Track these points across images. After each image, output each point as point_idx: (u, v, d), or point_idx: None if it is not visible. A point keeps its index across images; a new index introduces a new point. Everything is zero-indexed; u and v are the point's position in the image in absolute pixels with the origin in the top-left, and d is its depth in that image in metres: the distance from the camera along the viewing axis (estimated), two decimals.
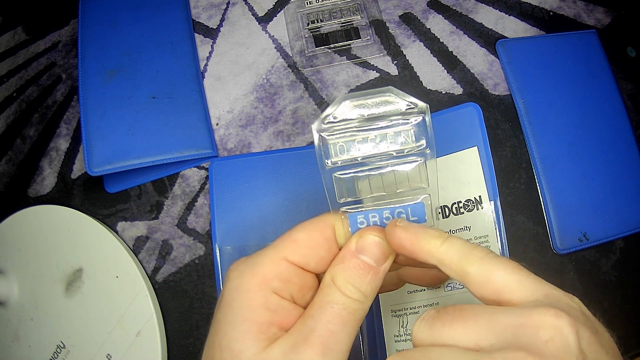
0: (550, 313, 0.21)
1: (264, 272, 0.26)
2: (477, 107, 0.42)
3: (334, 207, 0.29)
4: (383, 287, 0.35)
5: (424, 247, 0.25)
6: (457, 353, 0.21)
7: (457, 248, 0.24)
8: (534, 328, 0.21)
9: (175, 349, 0.43)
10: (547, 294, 0.22)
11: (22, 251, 0.46)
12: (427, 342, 0.23)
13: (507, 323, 0.21)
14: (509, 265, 0.23)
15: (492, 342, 0.21)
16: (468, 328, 0.22)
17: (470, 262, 0.24)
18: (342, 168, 0.28)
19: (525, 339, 0.20)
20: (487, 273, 0.23)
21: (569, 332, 0.21)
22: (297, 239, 0.27)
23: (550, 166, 0.43)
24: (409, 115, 0.27)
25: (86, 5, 0.50)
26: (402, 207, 0.28)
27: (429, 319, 0.23)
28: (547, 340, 0.20)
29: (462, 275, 0.24)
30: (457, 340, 0.22)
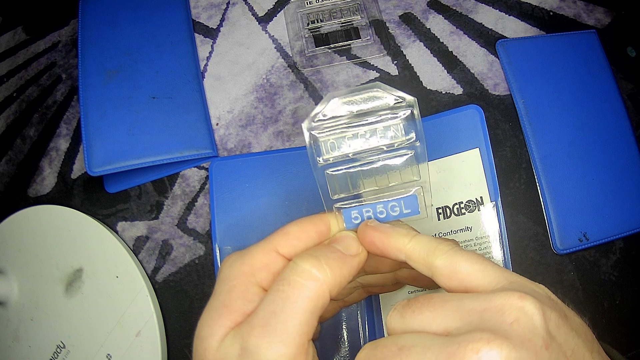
0: (515, 296, 0.21)
1: (253, 262, 0.26)
2: (479, 109, 0.42)
3: (327, 204, 0.29)
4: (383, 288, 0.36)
5: (393, 244, 0.26)
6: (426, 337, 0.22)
7: (424, 244, 0.25)
8: (498, 310, 0.21)
9: (175, 349, 0.43)
10: (511, 281, 0.23)
11: (22, 251, 0.46)
12: (399, 329, 0.23)
13: (472, 307, 0.22)
14: (473, 256, 0.24)
15: (459, 325, 0.22)
16: (436, 314, 0.23)
17: (436, 256, 0.25)
18: (334, 165, 0.28)
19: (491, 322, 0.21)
20: (452, 265, 0.24)
21: (534, 313, 0.21)
22: (288, 232, 0.27)
23: (550, 166, 0.43)
24: (397, 110, 0.27)
25: (86, 5, 0.50)
26: (395, 201, 0.28)
27: (400, 308, 0.24)
28: (512, 321, 0.21)
29: (430, 268, 0.25)
30: (427, 326, 0.23)
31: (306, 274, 0.24)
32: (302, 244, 0.27)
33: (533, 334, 0.20)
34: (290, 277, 0.24)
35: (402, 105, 0.27)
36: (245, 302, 0.25)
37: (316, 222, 0.28)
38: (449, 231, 0.41)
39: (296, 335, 0.23)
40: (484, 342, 0.20)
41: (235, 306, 0.25)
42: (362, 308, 0.42)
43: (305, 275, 0.24)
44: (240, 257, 0.27)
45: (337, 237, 0.28)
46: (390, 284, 0.34)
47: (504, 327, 0.20)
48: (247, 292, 0.25)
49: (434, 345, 0.21)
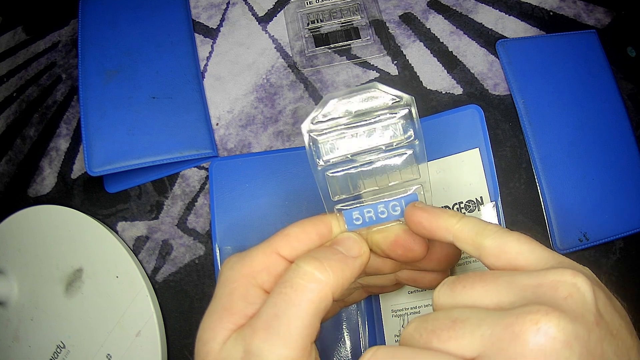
0: (568, 272, 0.21)
1: (254, 264, 0.26)
2: (479, 109, 0.42)
3: (328, 205, 0.29)
4: (383, 289, 0.36)
5: (442, 224, 0.26)
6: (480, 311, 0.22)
7: (472, 225, 0.25)
8: (552, 286, 0.21)
9: (175, 349, 0.43)
10: (560, 261, 0.23)
11: (22, 251, 0.46)
12: (449, 304, 0.23)
13: (526, 283, 0.22)
14: (521, 237, 0.24)
15: (512, 300, 0.22)
16: (488, 289, 0.22)
17: (485, 236, 0.24)
18: (334, 166, 0.28)
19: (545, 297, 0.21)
20: (501, 245, 0.24)
21: (586, 289, 0.21)
22: (289, 234, 0.27)
23: (550, 166, 0.43)
24: (395, 109, 0.27)
25: (86, 5, 0.50)
26: (396, 200, 0.28)
27: (450, 283, 0.24)
28: (566, 296, 0.21)
29: (478, 248, 0.25)
30: (478, 301, 0.22)
31: (309, 276, 0.24)
32: (303, 245, 0.27)
33: (585, 309, 0.21)
34: (293, 279, 0.24)
35: (400, 104, 0.27)
36: (247, 304, 0.25)
37: (317, 224, 0.27)
38: None
39: (299, 338, 0.23)
40: (542, 313, 0.20)
41: (237, 309, 0.25)
42: (362, 308, 0.42)
43: (307, 278, 0.24)
44: (240, 259, 0.26)
45: (338, 239, 0.27)
46: (391, 285, 0.34)
47: (558, 302, 0.20)
48: (248, 295, 0.25)
49: (489, 318, 0.21)
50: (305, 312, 0.23)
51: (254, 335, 0.23)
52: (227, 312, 0.25)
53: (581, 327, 0.20)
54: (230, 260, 0.27)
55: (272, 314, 0.23)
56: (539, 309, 0.20)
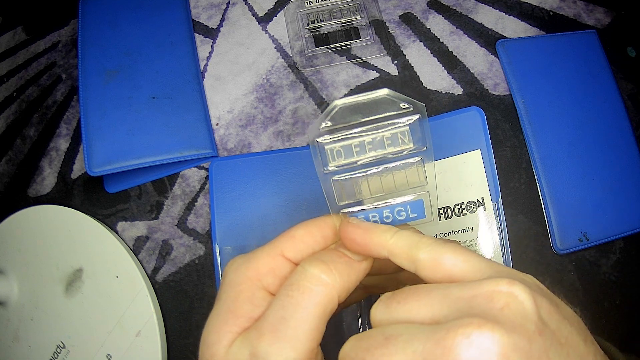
0: (503, 282, 0.21)
1: (259, 266, 0.26)
2: (480, 111, 0.42)
3: (334, 210, 0.29)
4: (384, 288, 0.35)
5: (375, 240, 0.26)
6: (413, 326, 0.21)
7: (406, 239, 0.25)
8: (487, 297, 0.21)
9: (175, 349, 0.43)
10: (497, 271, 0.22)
11: (22, 251, 0.46)
12: (385, 321, 0.23)
13: (460, 295, 0.21)
14: (457, 247, 0.24)
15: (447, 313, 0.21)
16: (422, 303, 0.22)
17: (419, 249, 0.24)
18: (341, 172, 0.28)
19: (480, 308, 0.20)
20: (435, 257, 0.24)
21: (524, 298, 0.20)
22: (294, 235, 0.27)
23: (550, 166, 0.43)
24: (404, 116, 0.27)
25: (86, 5, 0.50)
26: (401, 205, 0.28)
27: (385, 299, 0.23)
28: (502, 306, 0.20)
29: (413, 262, 0.24)
30: (413, 316, 0.22)
31: (315, 279, 0.24)
32: (308, 247, 0.27)
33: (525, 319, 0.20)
34: (299, 282, 0.24)
35: (410, 112, 0.27)
36: (253, 307, 0.25)
37: (322, 226, 0.27)
38: (450, 232, 0.41)
39: (306, 341, 0.23)
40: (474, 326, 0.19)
41: (242, 311, 0.25)
42: (362, 308, 0.42)
43: (314, 281, 0.24)
44: (245, 261, 0.26)
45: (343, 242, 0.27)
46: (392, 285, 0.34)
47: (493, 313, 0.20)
48: (254, 297, 0.25)
49: (421, 333, 0.20)
50: (312, 315, 0.23)
51: (261, 338, 0.23)
52: (233, 314, 0.25)
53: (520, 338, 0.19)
54: (234, 262, 0.27)
55: (279, 317, 0.23)
56: (470, 321, 0.19)
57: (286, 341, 0.22)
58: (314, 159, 0.27)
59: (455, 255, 0.23)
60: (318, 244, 0.27)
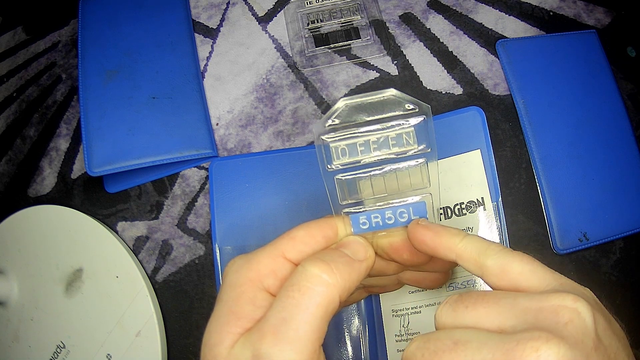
0: (569, 297, 0.21)
1: (260, 267, 0.26)
2: (480, 111, 0.42)
3: (336, 209, 0.29)
4: (384, 288, 0.36)
5: (444, 243, 0.26)
6: (481, 334, 0.22)
7: (475, 244, 0.25)
8: (553, 311, 0.21)
9: (175, 349, 0.43)
10: (561, 283, 0.23)
11: (22, 251, 0.46)
12: (451, 324, 0.23)
13: (527, 306, 0.22)
14: (524, 257, 0.24)
15: (514, 323, 0.22)
16: (490, 310, 0.22)
17: (487, 256, 0.25)
18: (344, 170, 0.28)
19: (546, 321, 0.21)
20: (503, 265, 0.24)
21: (586, 315, 0.21)
22: (295, 236, 0.27)
23: (550, 166, 0.43)
24: (410, 117, 0.27)
25: (86, 5, 0.50)
26: (404, 207, 0.28)
27: (452, 302, 0.24)
28: (567, 322, 0.21)
29: (481, 268, 0.25)
30: (480, 323, 0.22)
31: (316, 279, 0.24)
32: (309, 249, 0.27)
33: (585, 335, 0.21)
34: (300, 282, 0.24)
35: (415, 113, 0.27)
36: (254, 308, 0.25)
37: (323, 227, 0.27)
38: None
39: (308, 342, 0.23)
40: (542, 340, 0.20)
41: (244, 313, 0.25)
42: (362, 308, 0.42)
43: (315, 281, 0.24)
44: (246, 262, 0.26)
45: (344, 242, 0.27)
46: (392, 285, 0.34)
47: (559, 327, 0.21)
48: (255, 298, 0.25)
49: (491, 341, 0.21)
50: (313, 316, 0.23)
51: (263, 339, 0.23)
52: (235, 316, 0.25)
53: (580, 353, 0.20)
54: (235, 263, 0.27)
55: (281, 318, 0.23)
56: (539, 335, 0.20)
57: (288, 342, 0.22)
58: (318, 156, 0.27)
59: (522, 265, 0.24)
60: (319, 244, 0.27)
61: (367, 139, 0.27)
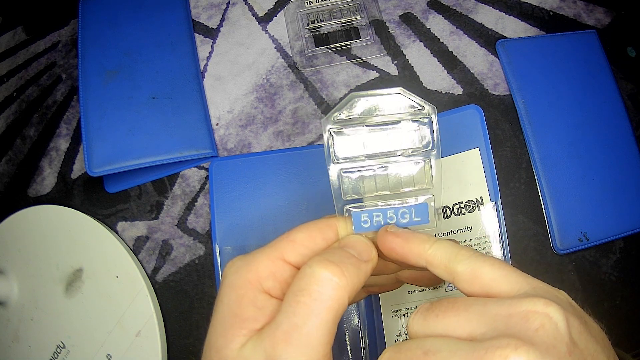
0: (540, 302, 0.21)
1: (260, 270, 0.26)
2: (479, 109, 0.42)
3: (338, 204, 0.29)
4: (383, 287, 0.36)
5: (414, 250, 0.26)
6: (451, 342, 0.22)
7: (445, 250, 0.25)
8: (524, 316, 0.21)
9: (175, 349, 0.43)
10: (534, 287, 0.23)
11: (22, 251, 0.46)
12: (422, 333, 0.23)
13: (497, 312, 0.22)
14: (495, 262, 0.24)
15: (484, 331, 0.22)
16: (460, 318, 0.22)
17: (457, 261, 0.24)
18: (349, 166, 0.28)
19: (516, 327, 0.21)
20: (474, 270, 0.24)
21: (558, 319, 0.21)
22: (295, 239, 0.27)
23: (550, 166, 0.43)
24: (416, 116, 0.27)
25: (86, 5, 0.50)
26: (406, 208, 0.28)
27: (423, 311, 0.24)
28: (538, 327, 0.21)
29: (451, 274, 0.25)
30: (451, 331, 0.22)
31: (326, 283, 0.24)
32: (310, 251, 0.26)
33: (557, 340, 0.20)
34: (310, 287, 0.23)
35: (421, 113, 0.27)
36: (256, 309, 0.25)
37: (323, 229, 0.27)
38: (449, 231, 0.41)
39: (320, 347, 0.23)
40: (511, 348, 0.20)
41: (247, 315, 0.25)
42: (362, 308, 0.42)
43: (325, 284, 0.24)
44: (245, 263, 0.26)
45: (348, 242, 0.27)
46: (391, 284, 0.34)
47: (529, 334, 0.21)
48: (256, 300, 0.25)
49: (460, 350, 0.21)
50: (325, 321, 0.23)
51: (275, 346, 0.23)
52: (239, 318, 0.25)
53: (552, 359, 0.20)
54: (234, 264, 0.26)
55: (292, 324, 0.23)
56: (508, 342, 0.20)
57: (300, 348, 0.22)
58: (325, 149, 0.27)
59: (493, 270, 0.24)
60: (319, 247, 0.27)
61: (373, 135, 0.27)
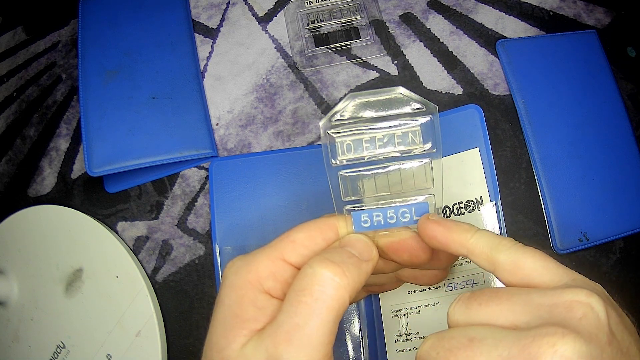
0: (582, 292, 0.22)
1: (260, 270, 0.26)
2: (478, 108, 0.42)
3: (338, 205, 0.29)
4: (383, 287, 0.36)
5: (456, 239, 0.26)
6: (496, 330, 0.22)
7: (487, 239, 0.25)
8: (567, 306, 0.21)
9: (175, 349, 0.43)
10: (574, 279, 0.23)
11: (22, 251, 0.46)
12: (464, 322, 0.23)
13: (541, 302, 0.22)
14: (536, 253, 0.24)
15: (528, 320, 0.22)
16: (503, 307, 0.22)
17: (499, 251, 0.25)
18: (348, 166, 0.28)
19: (560, 317, 0.21)
20: (515, 260, 0.24)
21: (599, 309, 0.21)
22: (295, 239, 0.27)
23: (550, 166, 0.43)
24: (417, 116, 0.27)
25: (86, 5, 0.50)
26: (406, 207, 0.28)
27: (465, 300, 0.24)
28: (581, 317, 0.21)
29: (493, 263, 0.25)
30: (494, 319, 0.22)
31: (328, 283, 0.24)
32: (310, 252, 0.26)
33: (599, 330, 0.21)
34: (312, 286, 0.24)
35: (422, 112, 0.27)
36: (257, 309, 0.25)
37: (323, 229, 0.27)
38: None
39: (321, 346, 0.23)
40: (559, 336, 0.20)
41: (248, 315, 0.25)
42: (362, 308, 0.42)
43: (326, 284, 0.23)
44: (245, 264, 0.26)
45: (349, 241, 0.27)
46: (391, 283, 0.34)
47: (573, 322, 0.21)
48: (257, 300, 0.25)
49: (506, 338, 0.21)
50: (326, 321, 0.23)
51: (277, 346, 0.23)
52: (240, 319, 0.25)
53: (595, 348, 0.20)
54: (234, 265, 0.26)
55: (294, 324, 0.23)
56: (555, 330, 0.20)
57: (302, 348, 0.22)
58: (324, 150, 0.27)
59: (534, 260, 0.24)
60: (319, 246, 0.27)
61: (373, 136, 0.27)
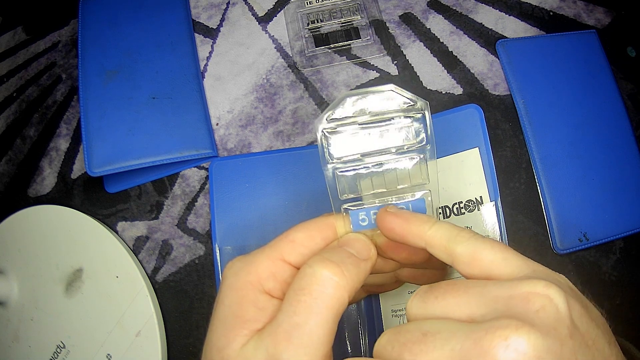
0: (541, 284, 0.21)
1: (260, 271, 0.26)
2: (478, 108, 0.42)
3: (335, 204, 0.29)
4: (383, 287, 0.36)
5: (413, 230, 0.26)
6: (450, 323, 0.21)
7: (445, 231, 0.25)
8: (524, 298, 0.21)
9: (175, 349, 0.43)
10: (534, 270, 0.23)
11: (22, 251, 0.46)
12: (421, 315, 0.23)
13: (497, 294, 0.21)
14: (495, 244, 0.24)
15: (484, 312, 0.21)
16: (460, 300, 0.22)
17: (457, 243, 0.24)
18: (344, 165, 0.28)
19: (517, 309, 0.21)
20: (474, 252, 0.24)
21: (559, 301, 0.21)
22: (294, 239, 0.27)
23: (550, 166, 0.43)
24: (409, 112, 0.27)
25: (86, 5, 0.50)
26: (403, 204, 0.28)
27: (422, 293, 0.23)
28: (538, 309, 0.20)
29: (450, 255, 0.24)
30: (450, 312, 0.22)
31: (327, 282, 0.24)
32: (309, 251, 0.26)
33: (558, 322, 0.20)
34: (311, 286, 0.24)
35: (414, 108, 0.27)
36: (257, 310, 0.25)
37: (322, 228, 0.27)
38: None
39: (321, 345, 0.23)
40: (512, 329, 0.19)
41: (249, 315, 0.25)
42: (362, 308, 0.42)
43: (326, 284, 0.24)
44: (245, 264, 0.26)
45: (347, 240, 0.27)
46: (390, 283, 0.34)
47: (529, 315, 0.20)
48: (257, 301, 0.25)
49: (460, 331, 0.21)
50: (325, 320, 0.23)
51: (277, 346, 0.23)
52: (240, 319, 0.25)
53: (553, 341, 0.19)
54: (234, 265, 0.27)
55: (293, 323, 0.23)
56: (508, 323, 0.20)
57: (302, 347, 0.22)
58: (320, 150, 0.27)
59: (494, 252, 0.23)
60: (319, 246, 0.27)
61: (367, 133, 0.27)
